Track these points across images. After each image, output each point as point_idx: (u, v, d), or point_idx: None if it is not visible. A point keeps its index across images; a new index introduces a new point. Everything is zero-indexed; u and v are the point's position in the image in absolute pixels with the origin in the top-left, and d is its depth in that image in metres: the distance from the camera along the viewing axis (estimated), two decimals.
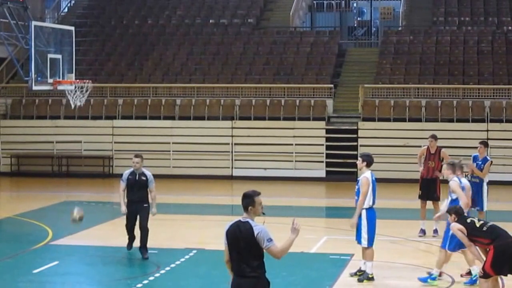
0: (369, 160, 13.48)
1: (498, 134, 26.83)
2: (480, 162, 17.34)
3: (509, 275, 11.47)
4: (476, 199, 17.10)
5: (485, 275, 11.19)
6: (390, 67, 30.44)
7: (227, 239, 8.30)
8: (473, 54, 30.54)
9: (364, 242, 13.33)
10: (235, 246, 8.21)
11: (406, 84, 29.11)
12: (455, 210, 11.82)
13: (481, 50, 30.70)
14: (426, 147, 17.99)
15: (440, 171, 17.74)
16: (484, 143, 17.72)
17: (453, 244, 13.03)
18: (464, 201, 13.20)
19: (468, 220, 11.58)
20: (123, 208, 15.06)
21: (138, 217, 15.07)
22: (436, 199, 17.76)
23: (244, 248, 8.15)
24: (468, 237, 11.42)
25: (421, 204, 17.78)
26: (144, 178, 14.97)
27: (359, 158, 13.59)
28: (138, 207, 15.00)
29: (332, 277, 13.57)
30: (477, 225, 11.46)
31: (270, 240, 8.15)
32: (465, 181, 13.72)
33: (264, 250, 8.15)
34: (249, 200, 8.34)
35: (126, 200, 15.12)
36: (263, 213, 8.36)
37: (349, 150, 26.98)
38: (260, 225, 8.22)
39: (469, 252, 11.83)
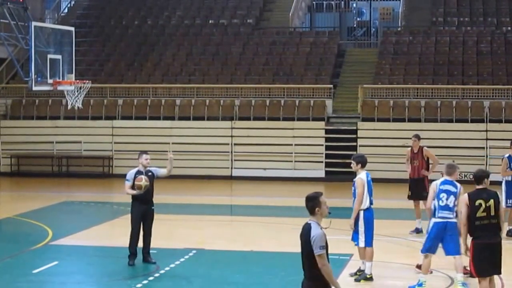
0: (362, 161, 13.47)
1: (497, 134, 26.86)
2: None
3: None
4: None
5: (471, 273, 11.06)
6: (390, 68, 30.48)
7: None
8: (472, 55, 30.57)
9: (361, 244, 13.37)
10: (301, 247, 8.31)
11: (405, 84, 29.14)
12: (477, 175, 11.11)
13: (480, 51, 30.73)
14: (410, 148, 18.06)
15: (427, 169, 17.91)
16: None
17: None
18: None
19: (477, 203, 10.85)
20: (136, 191, 14.44)
21: (142, 223, 14.68)
22: (424, 198, 17.70)
23: (304, 249, 8.25)
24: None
25: (414, 204, 17.89)
26: (150, 173, 14.76)
27: (352, 161, 13.46)
28: (146, 210, 14.62)
29: None
30: (479, 214, 10.83)
31: (322, 247, 8.14)
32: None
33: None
34: (314, 202, 8.27)
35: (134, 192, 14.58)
36: (329, 213, 8.33)
37: (348, 150, 26.93)
38: (318, 229, 8.21)
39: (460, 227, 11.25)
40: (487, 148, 26.80)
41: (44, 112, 29.94)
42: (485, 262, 10.86)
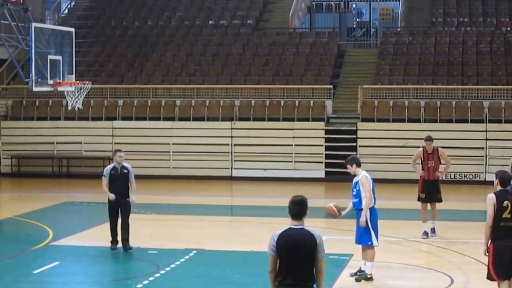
0: (357, 161, 13.51)
1: (496, 134, 26.91)
2: None
3: None
4: None
5: (488, 275, 10.86)
6: (389, 68, 30.52)
7: (279, 248, 7.80)
8: (472, 55, 30.61)
9: (375, 242, 13.28)
10: (293, 255, 7.77)
11: (405, 85, 29.18)
12: (501, 176, 10.76)
13: (480, 51, 30.77)
14: (421, 149, 17.71)
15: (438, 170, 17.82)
16: None
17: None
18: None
19: (504, 204, 10.60)
20: (111, 195, 15.68)
21: (119, 212, 15.82)
22: (438, 200, 17.50)
23: (303, 256, 7.77)
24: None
25: (423, 206, 17.37)
26: (125, 171, 15.83)
27: (347, 165, 13.41)
28: (121, 202, 15.70)
29: (331, 277, 13.59)
30: (504, 215, 10.61)
31: (324, 251, 7.90)
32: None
33: (317, 260, 7.83)
34: (306, 207, 7.92)
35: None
36: None
37: (348, 151, 26.95)
38: (318, 232, 7.93)
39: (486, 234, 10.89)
40: (486, 148, 26.84)
41: (45, 113, 29.98)
42: (506, 265, 10.68)
